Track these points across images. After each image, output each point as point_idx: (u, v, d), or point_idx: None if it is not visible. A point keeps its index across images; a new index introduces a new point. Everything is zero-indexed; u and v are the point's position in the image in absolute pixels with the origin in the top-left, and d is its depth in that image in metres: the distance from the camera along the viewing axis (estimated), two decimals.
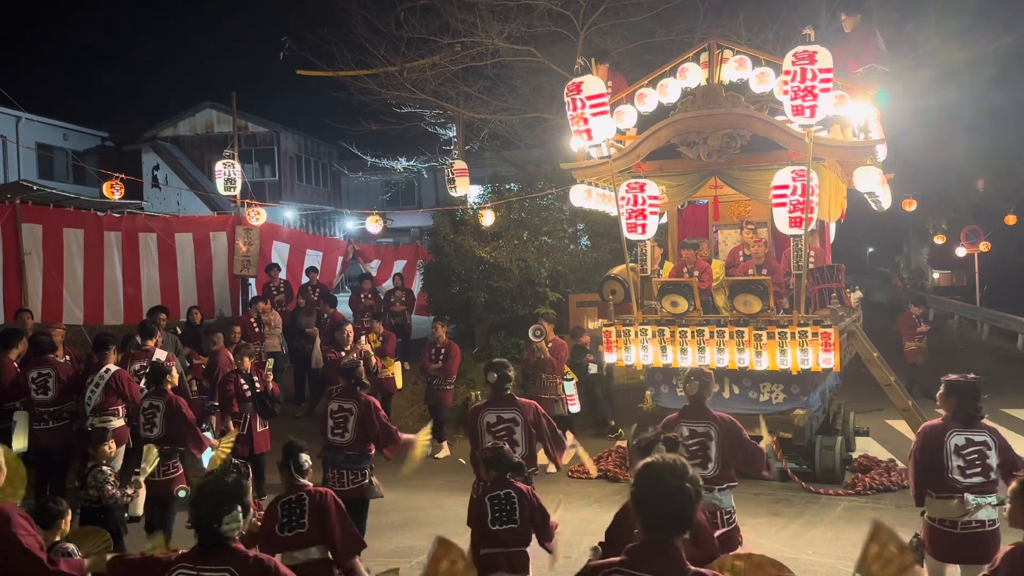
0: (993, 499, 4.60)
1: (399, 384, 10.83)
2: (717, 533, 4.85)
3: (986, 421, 4.85)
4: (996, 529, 4.59)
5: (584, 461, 6.27)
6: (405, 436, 6.36)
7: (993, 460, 4.65)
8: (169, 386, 6.89)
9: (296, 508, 4.51)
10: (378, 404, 6.54)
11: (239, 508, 2.98)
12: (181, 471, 6.71)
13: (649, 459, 2.64)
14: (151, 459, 6.01)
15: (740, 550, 4.84)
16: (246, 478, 4.76)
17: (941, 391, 4.92)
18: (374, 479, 6.35)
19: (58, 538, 4.55)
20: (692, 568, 2.50)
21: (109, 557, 3.88)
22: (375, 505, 7.72)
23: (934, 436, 4.75)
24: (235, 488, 3.03)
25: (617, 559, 2.57)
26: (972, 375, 4.94)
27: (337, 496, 4.81)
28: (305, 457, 4.71)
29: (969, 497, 4.55)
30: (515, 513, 4.52)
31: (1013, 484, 3.48)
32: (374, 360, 9.50)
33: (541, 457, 9.56)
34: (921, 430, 4.92)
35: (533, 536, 4.62)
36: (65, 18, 54.65)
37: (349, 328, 9.51)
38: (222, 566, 2.90)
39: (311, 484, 4.69)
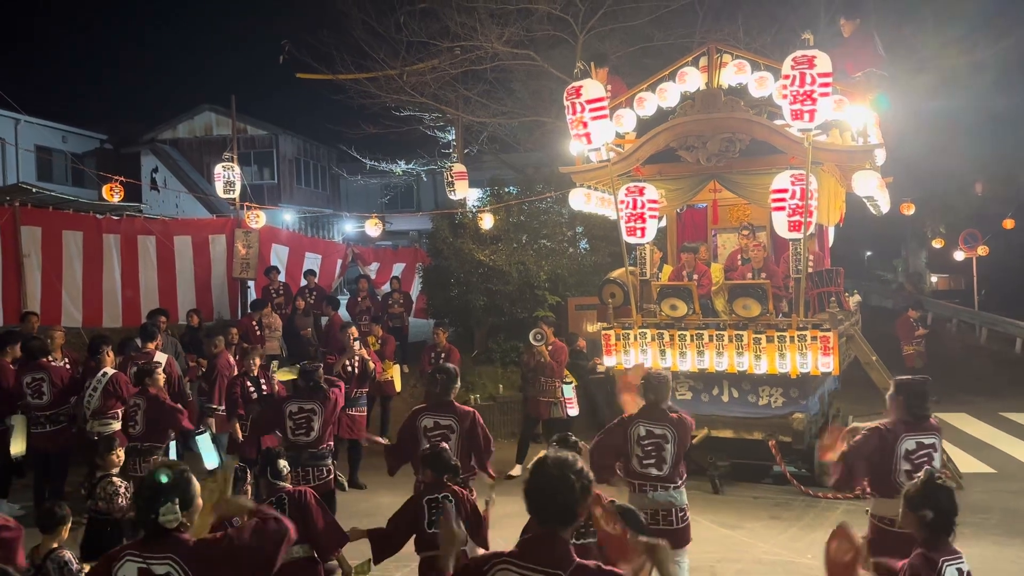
0: None
1: (398, 387, 10.83)
2: (672, 528, 5.02)
3: (934, 421, 4.86)
4: None
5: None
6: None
7: (937, 462, 4.69)
8: (152, 388, 7.02)
9: (276, 509, 4.57)
10: (340, 398, 6.78)
11: (176, 501, 2.98)
12: None
13: (540, 454, 2.66)
14: None
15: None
16: (244, 482, 4.81)
17: (891, 390, 4.88)
18: (337, 473, 6.46)
19: (55, 544, 4.54)
20: (577, 560, 2.52)
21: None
22: (368, 508, 7.75)
23: (885, 440, 4.72)
24: (173, 482, 3.03)
25: (507, 551, 2.59)
26: (920, 376, 4.97)
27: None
28: (283, 463, 4.85)
29: None
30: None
31: (907, 488, 3.45)
32: (371, 363, 9.48)
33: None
34: (875, 431, 4.82)
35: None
36: (64, 20, 54.68)
37: (353, 331, 9.51)
38: (165, 554, 2.94)
39: (290, 486, 4.81)
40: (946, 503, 3.29)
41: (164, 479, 3.00)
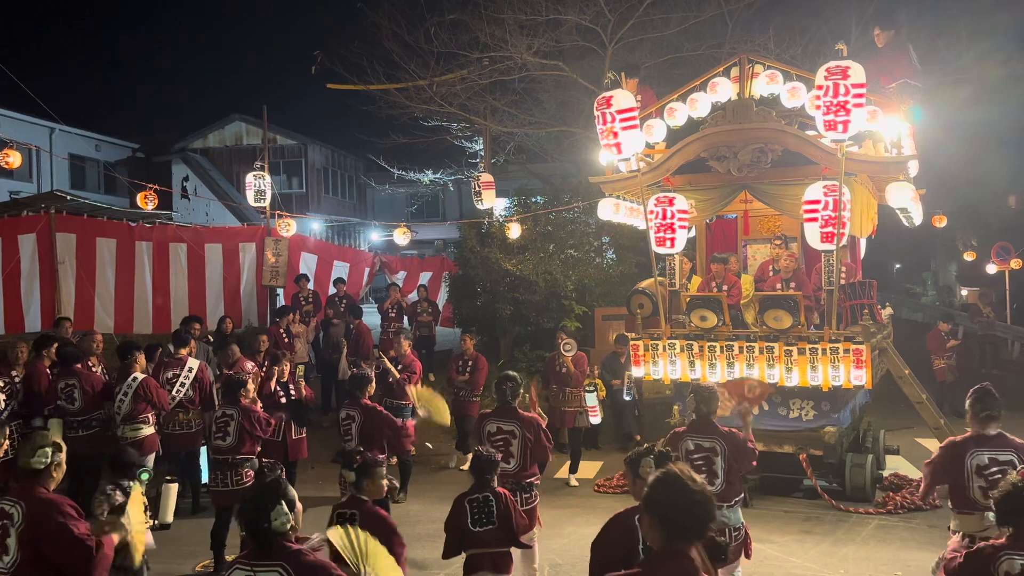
0: None
1: None
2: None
3: (1013, 437, 4.77)
4: None
5: None
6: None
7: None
8: (245, 399, 6.80)
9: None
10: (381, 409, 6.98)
11: (283, 503, 3.08)
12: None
13: (663, 470, 2.64)
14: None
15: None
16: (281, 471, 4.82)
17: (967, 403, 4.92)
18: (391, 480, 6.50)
19: None
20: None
21: None
22: (401, 516, 7.74)
23: (955, 454, 4.74)
24: (275, 486, 3.14)
25: (633, 570, 2.60)
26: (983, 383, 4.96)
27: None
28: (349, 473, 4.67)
29: (989, 515, 4.50)
30: (492, 515, 4.79)
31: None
32: (396, 373, 9.49)
33: (564, 471, 9.62)
34: (948, 444, 4.91)
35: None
36: (98, 31, 55.69)
37: (403, 339, 9.68)
38: (273, 562, 3.03)
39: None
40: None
41: (267, 487, 3.11)
